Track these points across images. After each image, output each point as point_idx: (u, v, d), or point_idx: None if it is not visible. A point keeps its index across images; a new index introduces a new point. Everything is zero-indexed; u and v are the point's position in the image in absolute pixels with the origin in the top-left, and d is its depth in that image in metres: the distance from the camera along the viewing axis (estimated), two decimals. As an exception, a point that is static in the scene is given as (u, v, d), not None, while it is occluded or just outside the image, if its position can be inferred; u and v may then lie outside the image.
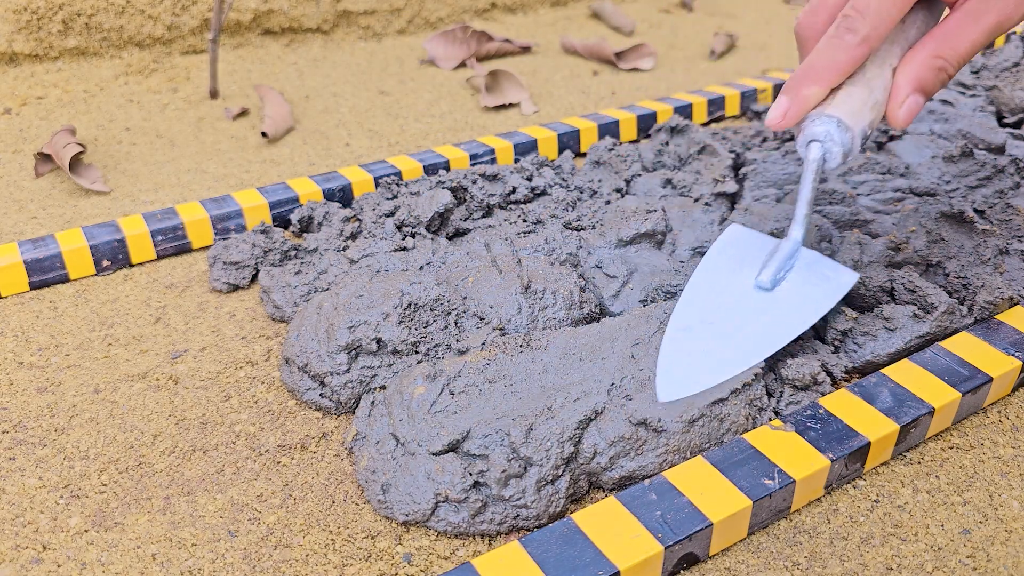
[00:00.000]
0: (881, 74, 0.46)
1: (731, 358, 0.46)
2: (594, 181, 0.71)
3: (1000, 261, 0.56)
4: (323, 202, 0.67)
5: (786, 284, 0.49)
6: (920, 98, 0.45)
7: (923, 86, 0.45)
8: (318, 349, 0.48)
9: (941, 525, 0.42)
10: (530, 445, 0.41)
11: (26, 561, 0.39)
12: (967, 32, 0.44)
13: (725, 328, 0.47)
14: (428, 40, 1.11)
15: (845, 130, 0.45)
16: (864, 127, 0.46)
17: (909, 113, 0.45)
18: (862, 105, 0.45)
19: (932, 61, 0.44)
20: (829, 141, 0.46)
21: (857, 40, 0.44)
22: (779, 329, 0.47)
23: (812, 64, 0.45)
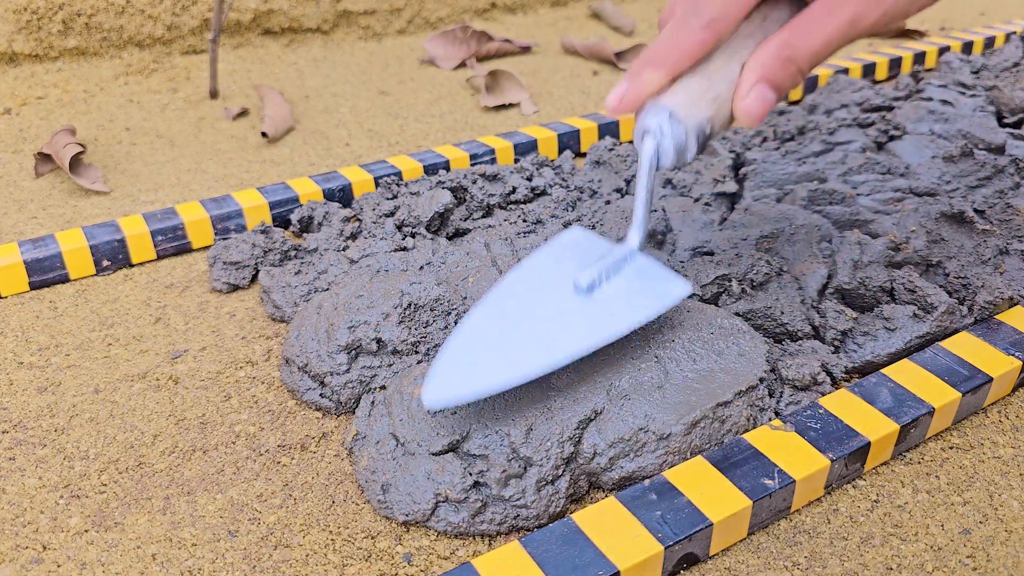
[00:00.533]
0: (727, 67, 0.42)
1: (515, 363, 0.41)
2: (594, 181, 0.71)
3: (1000, 261, 0.56)
4: (323, 202, 0.67)
5: (607, 288, 0.45)
6: (767, 90, 0.41)
7: (769, 76, 0.41)
8: (318, 349, 0.48)
9: (941, 525, 0.42)
10: (530, 445, 0.41)
11: (26, 561, 0.39)
12: (820, 25, 0.41)
13: (522, 330, 0.42)
14: (428, 40, 1.11)
15: (677, 123, 0.41)
16: (700, 122, 0.41)
17: (754, 106, 0.41)
18: (698, 97, 0.41)
19: (780, 51, 0.41)
20: (660, 135, 0.42)
21: (702, 23, 0.41)
22: (584, 334, 0.42)
23: (654, 48, 0.42)
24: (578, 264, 0.46)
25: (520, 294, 0.45)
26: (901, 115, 0.80)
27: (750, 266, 0.53)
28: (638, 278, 0.45)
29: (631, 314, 0.43)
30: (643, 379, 0.45)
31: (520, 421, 0.42)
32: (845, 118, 0.79)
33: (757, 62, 0.41)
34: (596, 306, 0.44)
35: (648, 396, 0.44)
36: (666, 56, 0.41)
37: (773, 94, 0.41)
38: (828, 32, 0.41)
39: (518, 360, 0.41)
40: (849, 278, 0.54)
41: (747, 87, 0.41)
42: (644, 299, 0.44)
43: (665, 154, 0.42)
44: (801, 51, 0.41)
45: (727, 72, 0.42)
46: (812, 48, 0.41)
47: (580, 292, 0.44)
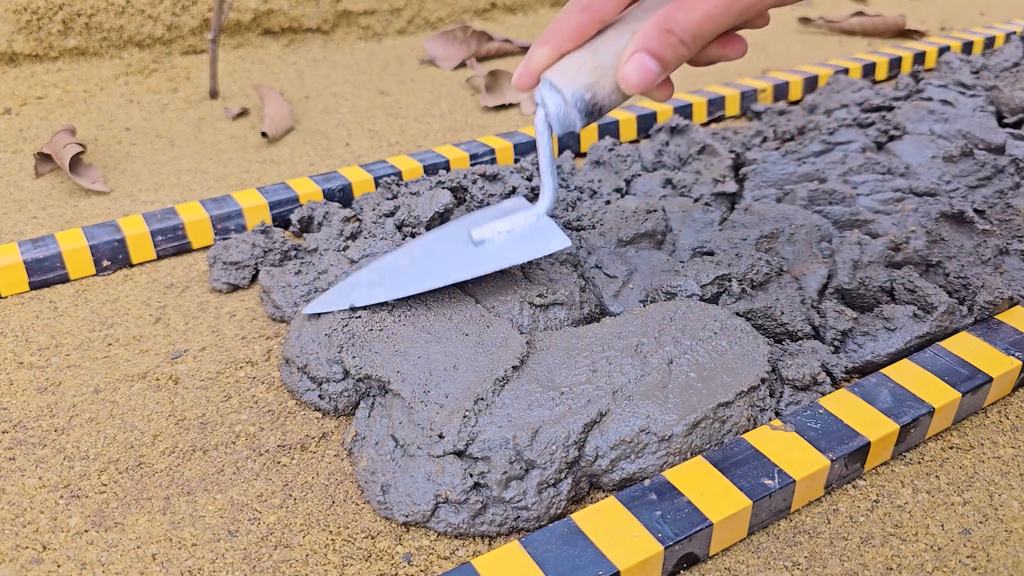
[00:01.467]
0: (615, 39, 0.44)
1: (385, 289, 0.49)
2: (594, 181, 0.71)
3: (1000, 261, 0.56)
4: (323, 202, 0.67)
5: (497, 240, 0.51)
6: (648, 59, 0.42)
7: (648, 46, 0.42)
8: (318, 351, 0.48)
9: (941, 525, 0.42)
10: (534, 448, 0.41)
11: (26, 561, 0.39)
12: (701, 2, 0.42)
13: (410, 269, 0.50)
14: (428, 40, 1.11)
15: (556, 92, 0.44)
16: (578, 90, 0.43)
17: (631, 72, 0.42)
18: (579, 68, 0.44)
19: (660, 23, 0.42)
20: (543, 103, 0.45)
21: (578, 8, 0.43)
22: (450, 270, 0.49)
23: (546, 30, 0.45)
24: (488, 222, 0.52)
25: (428, 243, 0.52)
26: (901, 115, 0.80)
27: (750, 266, 0.53)
28: (527, 235, 0.50)
29: (497, 260, 0.50)
30: (646, 379, 0.45)
31: (525, 423, 0.42)
32: (845, 118, 0.79)
33: (640, 33, 0.42)
34: (475, 253, 0.51)
35: (650, 396, 0.44)
36: (549, 36, 0.44)
37: (654, 63, 0.42)
38: (707, 8, 0.42)
39: (391, 287, 0.50)
40: (849, 278, 0.54)
41: (627, 55, 0.43)
42: (517, 250, 0.50)
43: (552, 122, 0.45)
44: (680, 23, 0.42)
45: (613, 44, 0.44)
46: (691, 20, 0.42)
47: (472, 244, 0.51)
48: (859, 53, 1.08)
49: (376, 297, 0.49)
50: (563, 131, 0.45)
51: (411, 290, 0.49)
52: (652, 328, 0.49)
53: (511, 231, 0.51)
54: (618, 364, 0.46)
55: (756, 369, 0.46)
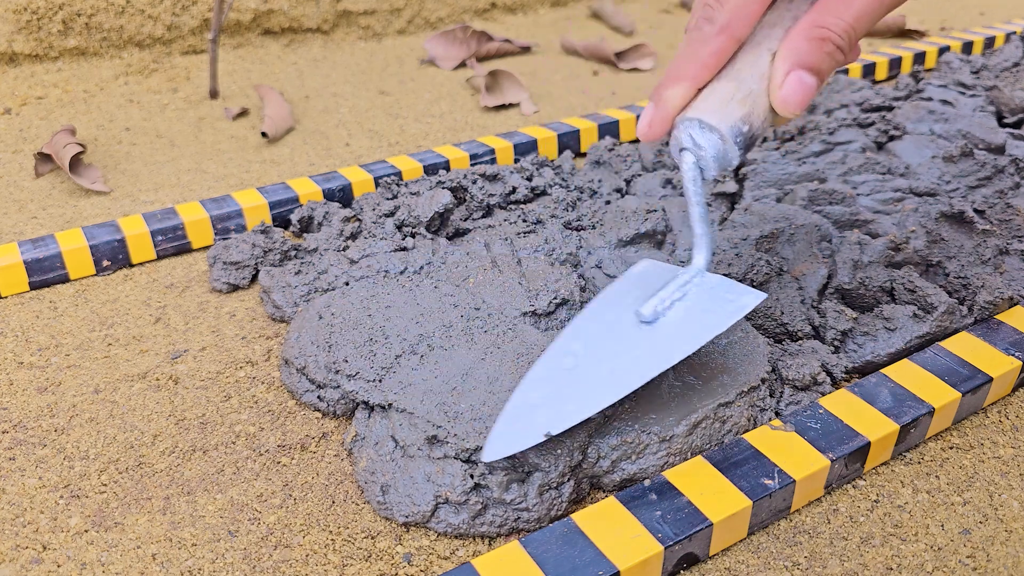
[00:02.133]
0: (755, 62, 0.40)
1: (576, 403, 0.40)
2: (594, 181, 0.71)
3: (1000, 261, 0.56)
4: (323, 202, 0.67)
5: (672, 314, 0.43)
6: (805, 75, 0.39)
7: (804, 61, 0.39)
8: (316, 354, 0.48)
9: (941, 525, 0.42)
10: (539, 452, 0.41)
11: (26, 561, 0.39)
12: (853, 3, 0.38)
13: (586, 371, 0.41)
14: (428, 40, 1.11)
15: (709, 130, 0.40)
16: (735, 124, 0.40)
17: (792, 94, 0.39)
18: (728, 100, 0.40)
19: (811, 31, 0.38)
20: (695, 147, 0.41)
21: (715, 30, 0.39)
22: (646, 364, 0.41)
23: (674, 64, 0.41)
24: (643, 296, 0.44)
25: (586, 334, 0.44)
26: (901, 115, 0.80)
27: (750, 266, 0.53)
28: (705, 298, 0.43)
29: (695, 334, 0.42)
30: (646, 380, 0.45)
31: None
32: (845, 118, 0.79)
33: (788, 48, 0.39)
34: (659, 334, 0.42)
35: (651, 396, 0.44)
36: (685, 69, 0.40)
37: (812, 78, 0.39)
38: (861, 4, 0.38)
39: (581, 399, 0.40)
40: (849, 278, 0.54)
41: (781, 76, 0.39)
42: (709, 316, 0.42)
43: (707, 166, 0.41)
44: (834, 27, 0.38)
45: (755, 67, 0.40)
46: (847, 23, 0.38)
47: (644, 323, 0.43)
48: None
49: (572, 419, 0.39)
50: (720, 172, 0.41)
51: (606, 401, 0.40)
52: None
53: (684, 298, 0.44)
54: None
55: (756, 369, 0.46)
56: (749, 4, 0.39)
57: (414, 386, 0.45)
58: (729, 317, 0.42)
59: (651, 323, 0.43)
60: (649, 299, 0.44)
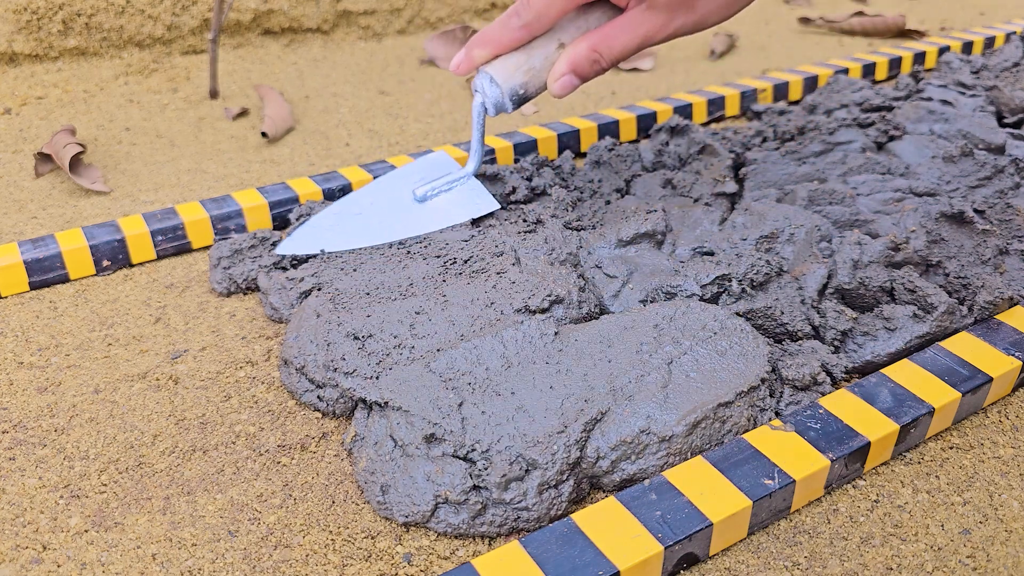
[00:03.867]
0: (546, 46, 0.55)
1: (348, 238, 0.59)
2: (594, 181, 0.71)
3: (1000, 261, 0.56)
4: (323, 202, 0.67)
5: (437, 199, 0.62)
6: (574, 79, 0.55)
7: (577, 70, 0.55)
8: (315, 352, 0.48)
9: (941, 525, 0.42)
10: (536, 448, 0.41)
11: (26, 561, 0.39)
12: (622, 37, 0.54)
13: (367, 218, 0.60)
14: (428, 40, 1.11)
15: (496, 85, 0.55)
16: (514, 86, 0.55)
17: (562, 88, 0.55)
18: (516, 68, 0.55)
19: (589, 53, 0.54)
20: (483, 93, 0.56)
21: (519, 24, 0.54)
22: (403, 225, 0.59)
23: (487, 32, 0.55)
24: (424, 180, 0.63)
25: (373, 197, 0.62)
26: (901, 115, 0.80)
27: (750, 266, 0.53)
28: (464, 193, 0.62)
29: (442, 218, 0.60)
30: (647, 379, 0.45)
31: (523, 421, 0.42)
32: (845, 118, 0.79)
33: (570, 57, 0.54)
34: (422, 211, 0.61)
35: (651, 396, 0.44)
36: (490, 41, 0.55)
37: (578, 80, 0.55)
38: (626, 43, 0.54)
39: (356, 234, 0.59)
40: (849, 278, 0.54)
41: (559, 72, 0.55)
42: (457, 208, 0.61)
43: (488, 105, 0.57)
44: (604, 54, 0.54)
45: (545, 51, 0.55)
46: (614, 54, 0.54)
47: (416, 199, 0.62)
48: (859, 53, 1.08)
49: (340, 245, 0.58)
50: (496, 113, 0.57)
51: (369, 241, 0.58)
52: (652, 328, 0.49)
53: (449, 191, 0.62)
54: (618, 364, 0.46)
55: (756, 369, 0.46)
56: (549, 15, 0.53)
57: (410, 383, 0.45)
58: (469, 214, 0.61)
59: (420, 202, 0.62)
60: (424, 184, 0.62)
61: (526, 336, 0.48)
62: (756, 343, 0.48)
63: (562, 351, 0.47)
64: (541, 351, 0.47)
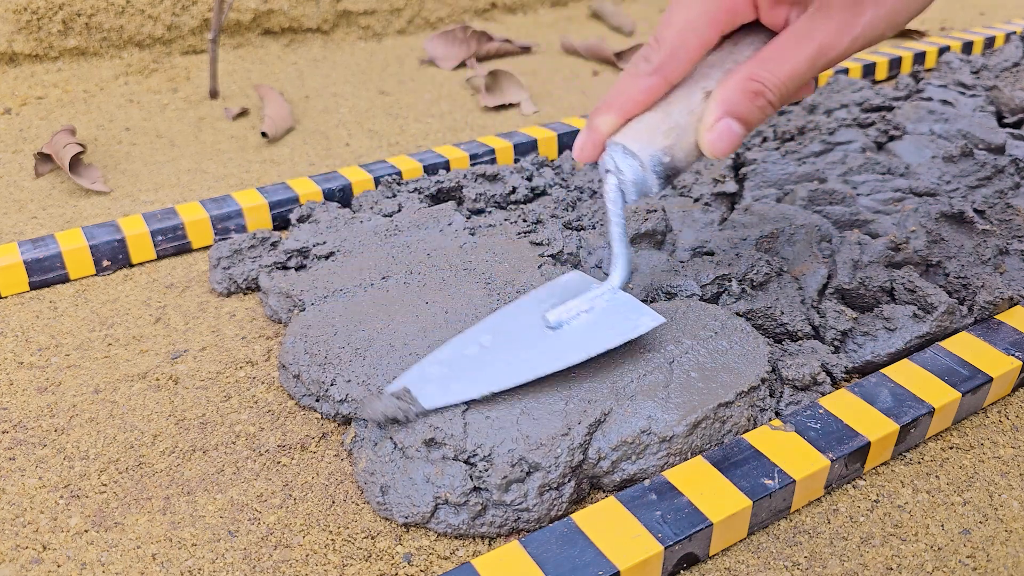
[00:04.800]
0: (687, 98, 0.42)
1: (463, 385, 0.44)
2: (594, 181, 0.71)
3: (1000, 261, 0.56)
4: (323, 202, 0.67)
5: (575, 323, 0.46)
6: (735, 124, 0.41)
7: (735, 111, 0.40)
8: (310, 365, 0.48)
9: (941, 525, 0.42)
10: (540, 451, 0.41)
11: (26, 561, 0.39)
12: (788, 56, 0.40)
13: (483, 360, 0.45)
14: (428, 40, 1.11)
15: (632, 156, 0.42)
16: (655, 153, 0.42)
17: (719, 139, 0.41)
18: (653, 130, 0.42)
19: (747, 84, 0.40)
20: (616, 171, 0.43)
21: (650, 69, 0.42)
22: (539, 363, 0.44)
23: (609, 94, 0.43)
24: (556, 303, 0.48)
25: (496, 330, 0.47)
26: (901, 115, 0.80)
27: (750, 266, 0.53)
28: (609, 314, 0.46)
29: (587, 346, 0.45)
30: (648, 379, 0.45)
31: (526, 423, 0.42)
32: (845, 118, 0.79)
33: (723, 95, 0.40)
34: (558, 340, 0.46)
35: (652, 396, 0.44)
36: (616, 101, 0.43)
37: (740, 127, 0.41)
38: (795, 63, 0.40)
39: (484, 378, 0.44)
40: (849, 278, 0.54)
41: (711, 120, 0.41)
42: (606, 332, 0.45)
43: (627, 189, 0.43)
44: (768, 83, 0.40)
45: (687, 103, 0.42)
46: (780, 80, 0.40)
47: (548, 327, 0.46)
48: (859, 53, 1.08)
49: (454, 397, 0.43)
50: (638, 197, 0.43)
51: (493, 387, 0.43)
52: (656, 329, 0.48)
53: (590, 311, 0.46)
54: (619, 363, 0.46)
55: (756, 369, 0.46)
56: (687, 49, 0.41)
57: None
58: (623, 335, 0.45)
59: (555, 329, 0.46)
60: (557, 307, 0.47)
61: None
62: (756, 343, 0.48)
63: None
64: None
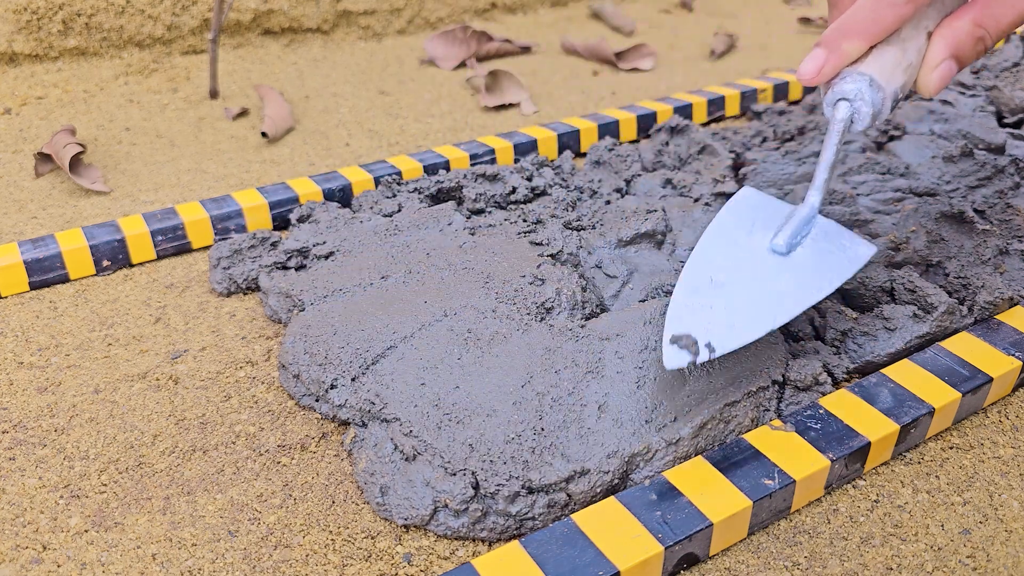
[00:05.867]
0: (916, 36, 0.44)
1: (744, 322, 0.43)
2: (594, 181, 0.71)
3: (1000, 261, 0.56)
4: (323, 202, 0.67)
5: (802, 250, 0.46)
6: (954, 65, 0.44)
7: (959, 53, 0.44)
8: (309, 366, 0.48)
9: (941, 525, 0.42)
10: (569, 489, 0.40)
11: (26, 561, 0.39)
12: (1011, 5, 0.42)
13: (737, 290, 0.44)
14: (428, 40, 1.11)
15: (877, 89, 0.43)
16: (895, 89, 0.44)
17: (941, 79, 0.44)
18: (895, 65, 0.43)
19: (973, 29, 0.43)
20: (859, 100, 0.44)
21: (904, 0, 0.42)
22: (796, 294, 0.44)
23: (854, 18, 0.43)
24: (763, 224, 0.48)
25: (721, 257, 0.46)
26: (901, 115, 0.80)
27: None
28: (826, 239, 0.47)
29: (831, 275, 0.45)
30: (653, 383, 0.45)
31: (545, 453, 0.41)
32: (845, 118, 0.79)
33: (951, 38, 0.43)
34: (797, 267, 0.46)
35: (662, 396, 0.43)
36: (867, 28, 0.43)
37: (957, 67, 0.44)
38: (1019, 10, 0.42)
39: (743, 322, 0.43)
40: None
41: (936, 60, 0.44)
42: (836, 260, 0.46)
43: (861, 119, 0.44)
44: (991, 29, 0.43)
45: (917, 43, 0.44)
46: (1001, 27, 0.43)
47: (777, 252, 0.46)
48: (859, 53, 1.08)
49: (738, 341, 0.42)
50: (865, 127, 0.44)
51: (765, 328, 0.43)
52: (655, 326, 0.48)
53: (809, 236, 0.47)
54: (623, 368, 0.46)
55: (768, 369, 0.46)
56: None
57: (404, 404, 0.44)
58: (851, 264, 0.46)
59: (785, 255, 0.46)
60: (779, 231, 0.47)
61: (529, 344, 0.48)
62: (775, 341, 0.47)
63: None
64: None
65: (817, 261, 0.46)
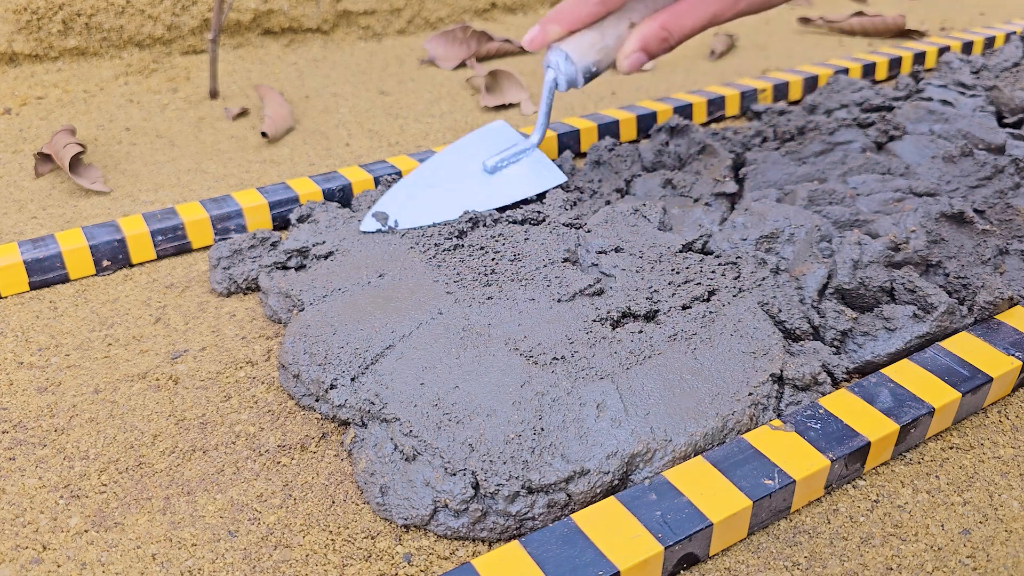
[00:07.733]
0: (618, 25, 0.58)
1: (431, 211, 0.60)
2: (594, 181, 0.71)
3: (1000, 261, 0.56)
4: (323, 202, 0.67)
5: (505, 172, 0.64)
6: (643, 56, 0.58)
7: (647, 48, 0.57)
8: (309, 366, 0.48)
9: (941, 525, 0.42)
10: (566, 491, 0.40)
11: (26, 561, 0.39)
12: (691, 16, 0.56)
13: (439, 192, 0.62)
14: (428, 40, 1.11)
15: (571, 63, 0.59)
16: (587, 64, 0.59)
17: (631, 65, 0.58)
18: (590, 47, 0.58)
19: (659, 32, 0.57)
20: (556, 70, 0.60)
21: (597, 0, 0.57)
22: (480, 199, 0.62)
23: (561, 9, 0.58)
24: (489, 151, 0.65)
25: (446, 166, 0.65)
26: (901, 115, 0.80)
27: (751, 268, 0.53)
28: (528, 167, 0.65)
29: (513, 192, 0.63)
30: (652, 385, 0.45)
31: (545, 453, 0.41)
32: (845, 118, 0.79)
33: (641, 34, 0.57)
34: (492, 183, 0.64)
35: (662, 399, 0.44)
36: (567, 17, 0.58)
37: (646, 58, 0.58)
38: (695, 23, 0.57)
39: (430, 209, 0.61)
40: (849, 278, 0.54)
41: (630, 50, 0.58)
42: (526, 183, 0.64)
43: (561, 83, 0.60)
44: (674, 33, 0.57)
45: (616, 30, 0.59)
46: (682, 32, 0.57)
47: (485, 170, 0.64)
48: (859, 53, 1.08)
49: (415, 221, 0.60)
50: (567, 88, 0.60)
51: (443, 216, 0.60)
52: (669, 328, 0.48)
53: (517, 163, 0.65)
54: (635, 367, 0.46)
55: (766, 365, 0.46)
56: None
57: (403, 405, 0.44)
58: (538, 187, 0.64)
59: (490, 173, 0.64)
60: (493, 156, 0.65)
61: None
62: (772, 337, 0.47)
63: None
64: None
65: (510, 180, 0.64)
